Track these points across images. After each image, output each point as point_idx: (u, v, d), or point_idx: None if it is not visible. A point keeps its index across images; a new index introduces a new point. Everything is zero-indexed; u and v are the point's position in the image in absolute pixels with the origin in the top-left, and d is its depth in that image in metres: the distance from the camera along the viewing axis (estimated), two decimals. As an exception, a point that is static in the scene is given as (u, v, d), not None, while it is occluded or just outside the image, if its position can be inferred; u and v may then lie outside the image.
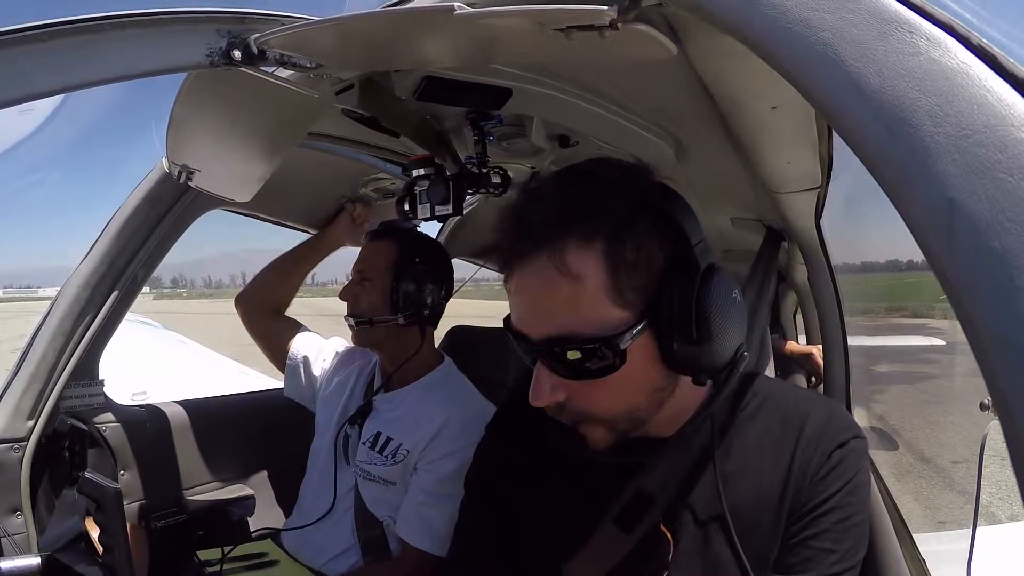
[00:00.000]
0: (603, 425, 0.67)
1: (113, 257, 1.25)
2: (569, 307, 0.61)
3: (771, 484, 0.70)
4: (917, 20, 0.39)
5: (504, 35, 0.63)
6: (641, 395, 0.66)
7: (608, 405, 0.65)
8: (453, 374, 1.36)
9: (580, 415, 0.66)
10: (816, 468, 0.69)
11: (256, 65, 0.71)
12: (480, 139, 1.12)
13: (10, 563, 0.81)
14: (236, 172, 1.10)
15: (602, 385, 0.63)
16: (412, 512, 1.21)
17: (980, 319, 0.35)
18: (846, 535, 0.68)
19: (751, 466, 0.71)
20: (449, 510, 1.12)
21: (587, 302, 0.60)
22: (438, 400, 1.27)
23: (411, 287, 1.27)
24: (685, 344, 0.61)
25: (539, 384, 0.64)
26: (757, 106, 0.79)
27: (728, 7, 0.45)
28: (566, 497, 0.77)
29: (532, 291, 0.63)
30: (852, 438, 0.71)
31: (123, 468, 1.37)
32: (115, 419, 1.37)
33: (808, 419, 0.72)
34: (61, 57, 0.61)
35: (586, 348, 0.61)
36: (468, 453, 1.06)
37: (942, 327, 9.91)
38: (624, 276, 0.61)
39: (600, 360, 0.61)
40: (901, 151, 0.38)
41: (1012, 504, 3.40)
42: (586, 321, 0.61)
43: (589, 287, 0.60)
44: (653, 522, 0.71)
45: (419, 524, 1.19)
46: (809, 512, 0.68)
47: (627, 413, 0.66)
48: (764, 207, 1.30)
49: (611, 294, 0.61)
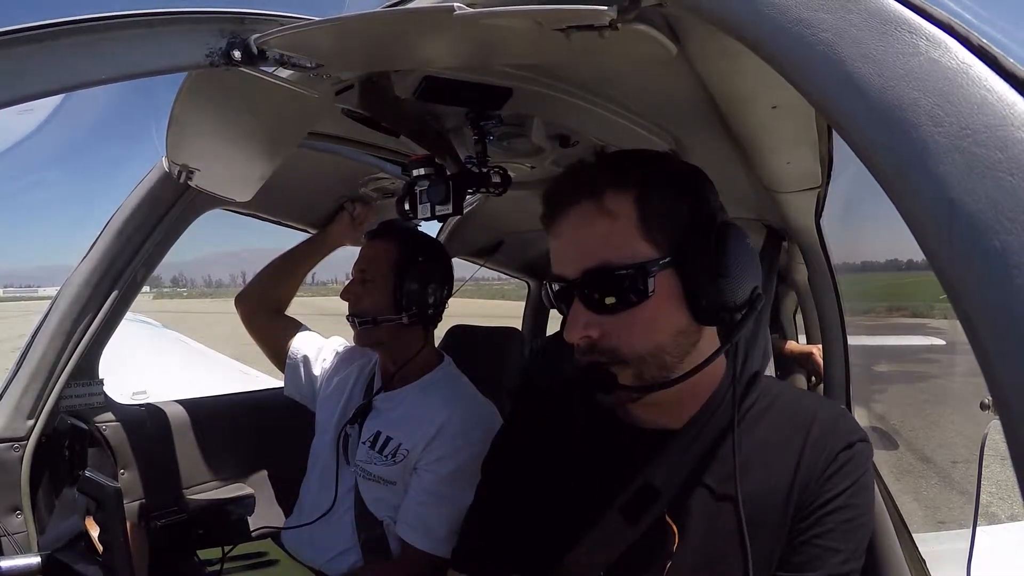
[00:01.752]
0: (631, 368, 0.70)
1: (113, 256, 1.25)
2: (605, 240, 0.69)
3: (779, 481, 0.71)
4: (917, 20, 0.39)
5: (504, 35, 0.63)
6: (667, 336, 0.70)
7: (636, 342, 0.69)
8: (453, 374, 1.36)
9: (610, 354, 0.70)
10: (823, 468, 0.70)
11: (256, 65, 0.71)
12: (480, 139, 1.12)
13: (10, 562, 0.81)
14: (236, 172, 1.10)
15: (631, 320, 0.69)
16: (412, 512, 1.20)
17: (980, 318, 0.35)
18: (851, 535, 0.69)
19: (760, 462, 0.72)
20: (449, 510, 1.12)
21: (620, 236, 0.69)
22: (438, 400, 1.27)
23: (414, 286, 1.27)
24: (706, 280, 0.68)
25: (575, 319, 0.70)
26: (757, 106, 0.79)
27: (728, 7, 0.45)
28: (574, 488, 0.79)
29: (573, 231, 0.71)
30: (858, 441, 0.72)
31: (123, 467, 1.37)
32: (115, 419, 1.37)
33: (815, 420, 0.73)
34: (61, 57, 0.61)
35: (619, 275, 0.68)
36: (468, 453, 1.06)
37: (942, 327, 9.91)
38: (653, 218, 0.69)
39: (630, 291, 0.68)
40: (901, 151, 0.38)
41: (1012, 504, 3.40)
42: (619, 253, 0.68)
43: (622, 222, 0.69)
44: (659, 514, 0.73)
45: (419, 524, 1.19)
46: (816, 511, 0.69)
47: (654, 355, 0.70)
48: (764, 207, 1.30)
49: (641, 230, 0.69)
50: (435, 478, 1.20)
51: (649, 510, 0.73)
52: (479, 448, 0.95)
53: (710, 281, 0.68)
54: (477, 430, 1.19)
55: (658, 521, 0.73)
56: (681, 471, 0.73)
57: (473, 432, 1.19)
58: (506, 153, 1.21)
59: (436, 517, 1.17)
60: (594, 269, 0.69)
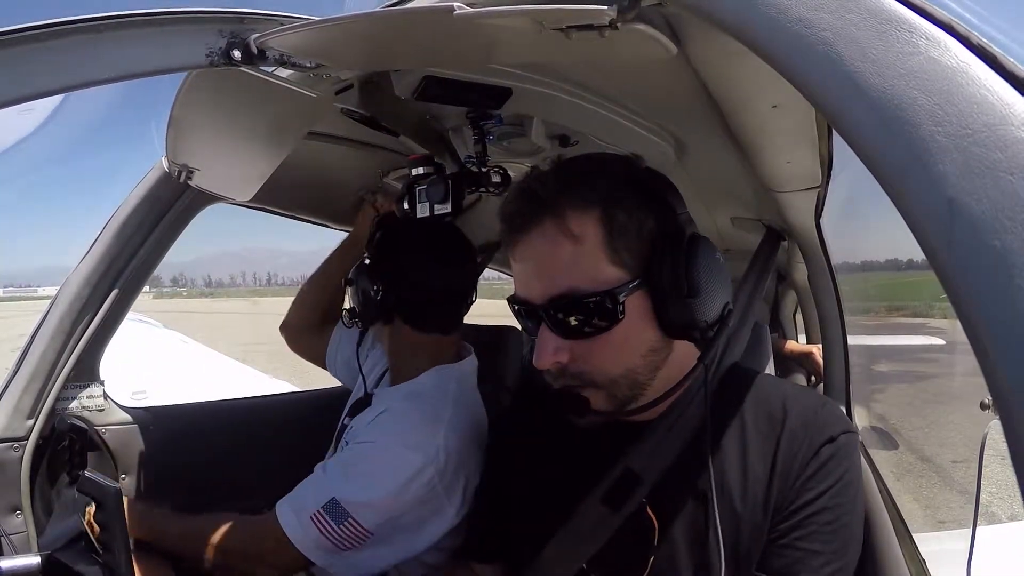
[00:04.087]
0: (603, 390, 0.70)
1: (113, 256, 1.25)
2: (571, 265, 0.66)
3: (756, 475, 0.70)
4: (917, 19, 0.39)
5: (504, 35, 0.63)
6: (638, 356, 0.69)
7: (608, 366, 0.69)
8: (431, 386, 1.25)
9: (581, 378, 0.69)
10: (803, 463, 0.69)
11: (256, 65, 0.71)
12: (480, 138, 1.12)
13: (10, 562, 0.81)
14: (236, 171, 1.10)
15: (602, 344, 0.67)
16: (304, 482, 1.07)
17: (980, 318, 0.35)
18: (835, 536, 0.67)
19: (736, 455, 0.72)
20: (319, 493, 1.01)
21: (587, 260, 0.66)
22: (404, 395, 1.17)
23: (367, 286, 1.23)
24: (676, 299, 0.67)
25: (544, 346, 0.68)
26: (757, 105, 0.79)
27: (728, 7, 0.45)
28: (557, 480, 0.79)
29: (537, 254, 0.68)
30: (842, 432, 0.70)
31: (124, 472, 1.36)
32: (116, 422, 1.36)
33: (790, 410, 0.72)
34: (61, 57, 0.61)
35: (587, 303, 0.66)
36: (377, 455, 1.02)
37: (942, 327, 9.91)
38: (619, 238, 0.67)
39: (599, 316, 0.66)
40: (901, 151, 0.38)
41: (1012, 504, 3.40)
42: (587, 278, 0.66)
43: (588, 246, 0.66)
44: (640, 504, 0.72)
45: (293, 492, 1.05)
46: (798, 511, 0.68)
47: (625, 376, 0.69)
48: (764, 206, 1.30)
49: (608, 253, 0.67)
50: (339, 456, 1.10)
51: (630, 497, 0.72)
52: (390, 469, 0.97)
53: (681, 301, 0.66)
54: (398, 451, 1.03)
55: (639, 513, 0.73)
56: (658, 460, 0.73)
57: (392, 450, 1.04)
58: (506, 153, 1.21)
59: (307, 492, 1.03)
60: (561, 296, 0.66)
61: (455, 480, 1.02)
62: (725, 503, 0.69)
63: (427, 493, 1.00)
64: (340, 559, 1.00)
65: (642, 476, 0.72)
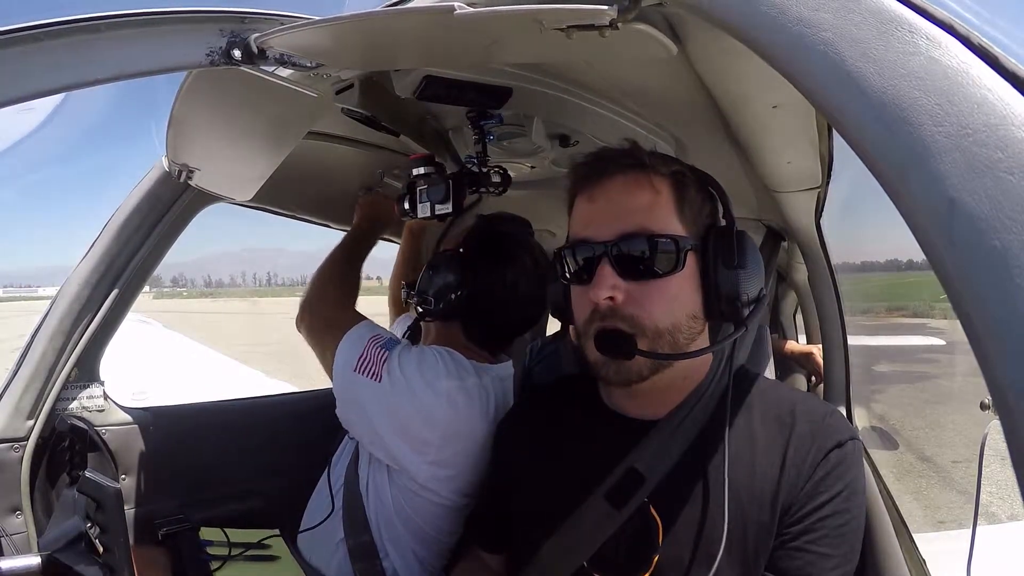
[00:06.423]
0: (647, 339, 0.72)
1: (113, 256, 1.25)
2: (647, 209, 0.73)
3: (764, 477, 0.71)
4: (917, 20, 0.39)
5: (504, 35, 0.63)
6: (684, 315, 0.74)
7: (658, 314, 0.72)
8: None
9: (631, 321, 0.72)
10: (812, 466, 0.69)
11: (256, 64, 0.71)
12: (480, 138, 1.12)
13: (10, 563, 0.81)
14: (236, 171, 1.10)
15: (658, 290, 0.72)
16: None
17: (980, 318, 0.35)
18: (843, 540, 0.68)
19: (744, 457, 0.72)
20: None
21: (661, 210, 0.74)
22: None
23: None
24: (724, 270, 0.73)
25: (602, 281, 0.72)
26: (757, 105, 0.79)
27: (728, 7, 0.45)
28: (562, 476, 0.80)
29: (618, 195, 0.75)
30: (849, 439, 0.72)
31: (124, 472, 1.36)
32: (116, 423, 1.36)
33: (799, 415, 0.73)
34: (61, 57, 0.60)
35: (656, 241, 0.72)
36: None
37: (942, 327, 9.92)
38: (686, 205, 0.75)
39: (663, 260, 0.72)
40: (901, 150, 0.38)
41: (1012, 504, 3.40)
42: (659, 223, 0.73)
43: (663, 199, 0.74)
44: (643, 503, 0.73)
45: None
46: (809, 514, 0.68)
47: (670, 331, 0.72)
48: (764, 207, 1.30)
49: (677, 211, 0.74)
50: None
51: (633, 495, 0.73)
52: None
53: (728, 271, 0.73)
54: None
55: (642, 512, 0.73)
56: (663, 459, 0.74)
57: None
58: (506, 153, 1.21)
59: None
60: (633, 233, 0.72)
61: (455, 439, 1.02)
62: (732, 502, 0.69)
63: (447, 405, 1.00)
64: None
65: (646, 475, 0.73)
